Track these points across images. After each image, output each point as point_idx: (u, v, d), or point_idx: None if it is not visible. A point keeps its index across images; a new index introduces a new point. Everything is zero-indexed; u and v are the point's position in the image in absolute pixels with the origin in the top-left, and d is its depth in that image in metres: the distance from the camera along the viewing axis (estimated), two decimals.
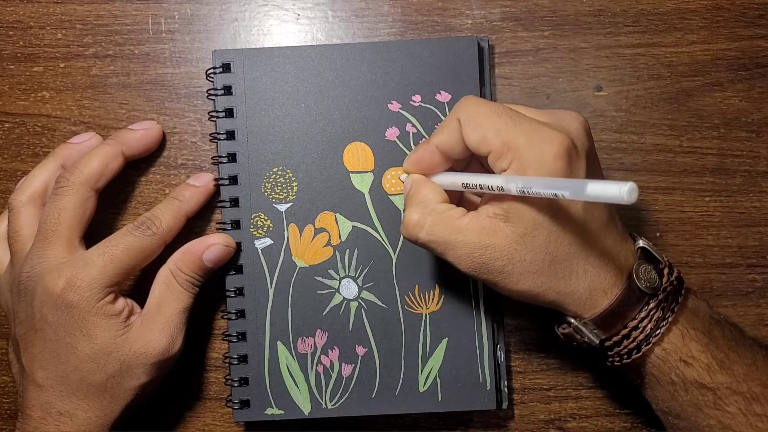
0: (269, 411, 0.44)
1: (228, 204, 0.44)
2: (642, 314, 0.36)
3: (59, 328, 0.40)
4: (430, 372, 0.44)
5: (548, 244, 0.35)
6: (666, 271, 0.37)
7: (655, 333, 0.36)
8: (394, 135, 0.44)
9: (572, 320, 0.37)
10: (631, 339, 0.37)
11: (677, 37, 0.47)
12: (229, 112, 0.44)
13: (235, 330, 0.44)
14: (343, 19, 0.47)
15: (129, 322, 0.41)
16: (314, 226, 0.44)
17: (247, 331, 0.44)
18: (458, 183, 0.38)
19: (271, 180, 0.44)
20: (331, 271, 0.44)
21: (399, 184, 0.44)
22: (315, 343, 0.44)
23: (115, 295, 0.41)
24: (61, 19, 0.47)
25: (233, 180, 0.44)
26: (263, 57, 0.44)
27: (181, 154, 0.47)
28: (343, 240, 0.44)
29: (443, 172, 0.39)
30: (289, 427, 0.45)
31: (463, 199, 0.41)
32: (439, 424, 0.46)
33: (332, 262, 0.44)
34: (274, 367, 0.44)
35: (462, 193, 0.41)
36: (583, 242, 0.36)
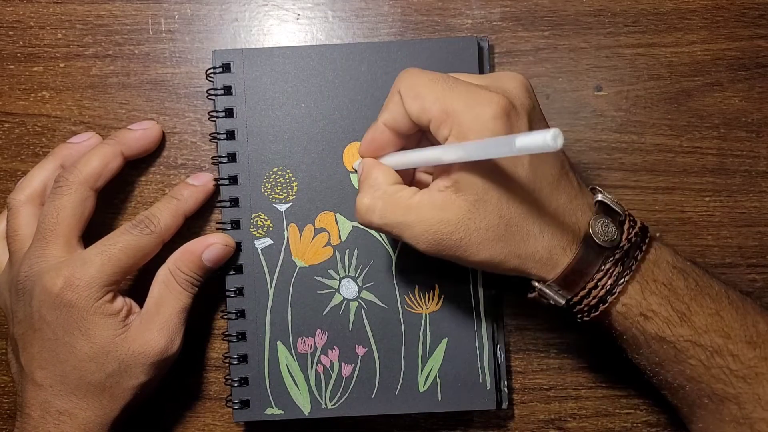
0: (269, 411, 0.44)
1: (228, 204, 0.44)
2: (600, 274, 0.36)
3: (58, 328, 0.40)
4: (430, 372, 0.44)
5: (500, 207, 0.35)
6: (627, 225, 0.37)
7: (614, 290, 0.36)
8: None
9: (536, 284, 0.37)
10: (590, 297, 0.36)
11: (677, 37, 0.47)
12: (229, 112, 0.44)
13: (235, 330, 0.44)
14: (343, 19, 0.47)
15: (127, 321, 0.41)
16: (314, 226, 0.44)
17: (247, 331, 0.44)
18: (404, 161, 0.37)
19: (271, 180, 0.44)
20: (331, 271, 0.44)
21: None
22: (315, 343, 0.44)
23: (114, 294, 0.41)
24: (61, 19, 0.47)
25: (233, 180, 0.44)
26: (263, 57, 0.45)
27: (181, 154, 0.47)
28: (343, 240, 0.44)
29: (392, 153, 0.38)
30: (289, 427, 0.45)
31: (416, 179, 0.41)
32: (439, 424, 0.46)
33: (332, 262, 0.44)
34: (274, 367, 0.44)
35: (414, 173, 0.40)
36: (535, 201, 0.35)
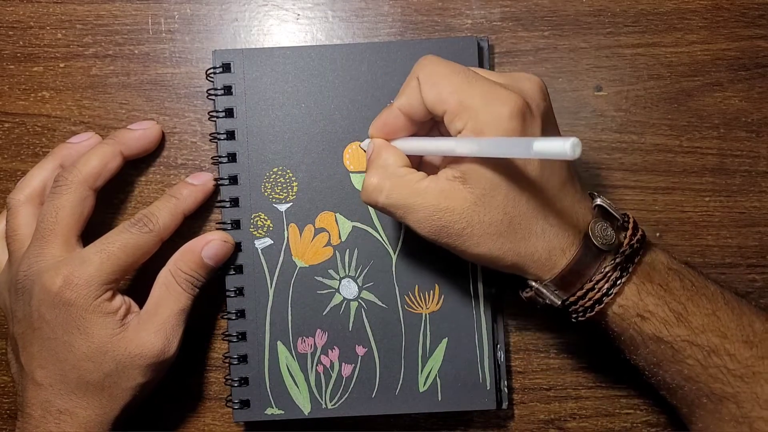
0: (269, 411, 0.44)
1: (228, 204, 0.44)
2: (598, 276, 0.36)
3: (57, 327, 0.40)
4: (430, 372, 0.44)
5: (506, 204, 0.35)
6: (629, 232, 0.37)
7: (610, 291, 0.36)
8: None
9: (533, 283, 0.37)
10: (587, 298, 0.37)
11: (677, 37, 0.47)
12: (229, 112, 0.44)
13: (235, 330, 0.44)
14: (343, 19, 0.47)
15: (126, 321, 0.41)
16: (314, 226, 0.44)
17: (247, 331, 0.44)
18: (417, 147, 0.38)
19: (271, 180, 0.44)
20: (331, 271, 0.44)
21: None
22: (315, 343, 0.44)
23: (113, 293, 0.41)
24: (61, 19, 0.47)
25: (233, 180, 0.44)
26: (263, 57, 0.45)
27: (181, 154, 0.47)
28: (343, 240, 0.44)
29: (404, 138, 0.38)
30: (289, 427, 0.45)
31: (423, 163, 0.41)
32: (439, 424, 0.46)
33: (332, 262, 0.44)
34: (274, 367, 0.44)
35: (422, 158, 0.41)
36: (540, 202, 0.36)
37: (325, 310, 0.44)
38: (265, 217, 0.44)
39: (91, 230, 0.43)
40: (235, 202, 0.44)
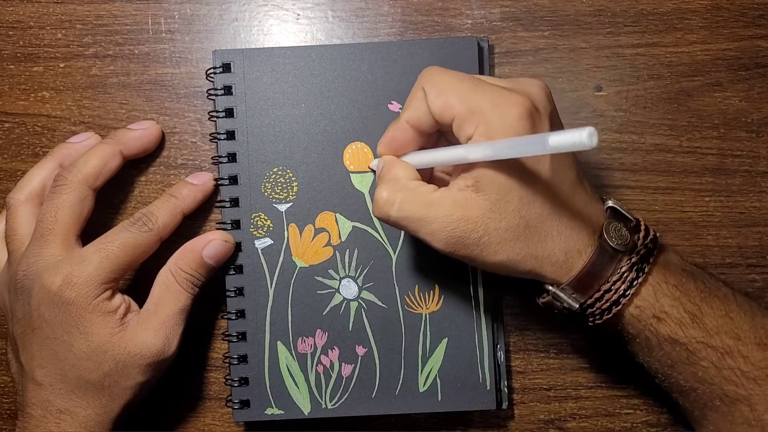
0: (269, 411, 0.44)
1: (228, 204, 0.44)
2: (615, 277, 0.36)
3: (57, 326, 0.40)
4: (430, 372, 0.44)
5: (521, 208, 0.35)
6: (642, 233, 0.37)
7: (627, 292, 0.36)
8: None
9: (550, 287, 0.37)
10: (604, 300, 0.36)
11: (677, 37, 0.47)
12: (229, 112, 0.44)
13: (235, 330, 0.44)
14: (343, 19, 0.47)
15: (125, 320, 0.41)
16: (314, 226, 0.44)
17: (247, 331, 0.44)
18: (427, 160, 0.37)
19: (271, 180, 0.44)
20: (331, 271, 0.44)
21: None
22: (315, 343, 0.44)
23: (113, 292, 0.41)
24: (61, 19, 0.47)
25: (233, 180, 0.44)
26: (263, 57, 0.45)
27: (181, 154, 0.47)
28: (343, 240, 0.44)
29: (413, 152, 0.38)
30: (289, 427, 0.45)
31: (434, 178, 0.41)
32: (439, 424, 0.46)
33: (332, 262, 0.44)
34: (274, 367, 0.44)
35: (432, 172, 0.41)
36: (554, 203, 0.35)
37: (325, 310, 0.44)
38: (265, 217, 0.44)
39: (91, 230, 0.43)
40: (235, 202, 0.44)
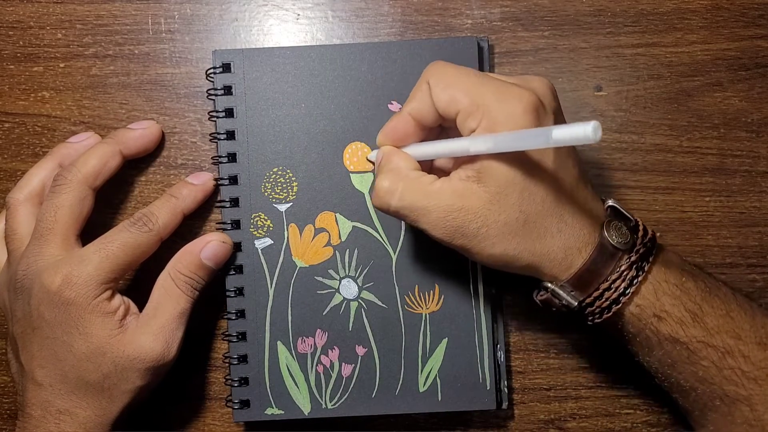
0: (269, 411, 0.44)
1: (228, 204, 0.44)
2: (614, 275, 0.36)
3: (56, 326, 0.40)
4: (430, 372, 0.44)
5: (521, 202, 0.35)
6: (641, 232, 0.37)
7: (627, 291, 0.36)
8: None
9: (549, 284, 0.37)
10: (603, 298, 0.36)
11: (677, 37, 0.47)
12: (229, 112, 0.44)
13: (235, 330, 0.44)
14: (343, 19, 0.47)
15: (124, 322, 0.41)
16: (314, 226, 0.44)
17: (247, 331, 0.44)
18: (429, 151, 0.37)
19: (271, 180, 0.44)
20: (331, 271, 0.44)
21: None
22: (315, 343, 0.44)
23: (112, 292, 0.41)
24: (61, 19, 0.47)
25: (233, 180, 0.44)
26: (263, 57, 0.45)
27: (181, 154, 0.47)
28: (343, 240, 0.44)
29: (413, 144, 0.38)
30: (289, 427, 0.45)
31: (434, 169, 0.41)
32: (439, 424, 0.46)
33: (332, 262, 0.44)
34: (274, 367, 0.44)
35: (432, 163, 0.40)
36: (555, 199, 0.35)
37: (325, 310, 0.44)
38: (265, 217, 0.44)
39: (91, 230, 0.43)
40: (235, 202, 0.44)
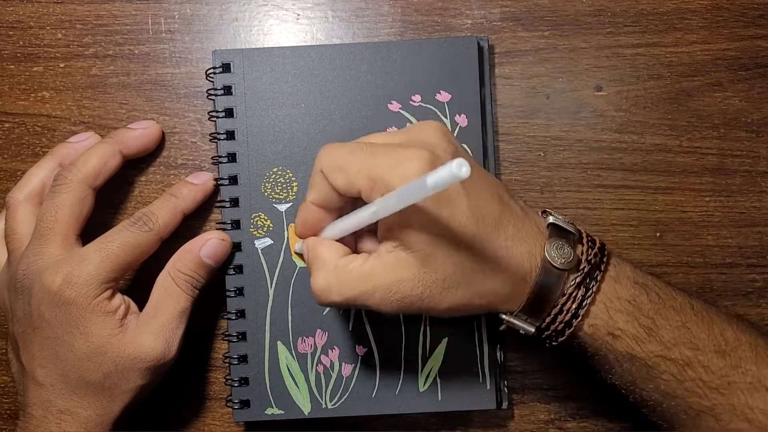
0: (269, 411, 0.44)
1: (228, 204, 0.44)
2: (563, 298, 0.36)
3: (57, 326, 0.40)
4: (430, 372, 0.44)
5: (451, 255, 0.34)
6: (585, 246, 0.37)
7: (578, 313, 0.36)
8: None
9: (503, 316, 0.37)
10: (557, 322, 0.36)
11: (677, 37, 0.47)
12: (229, 112, 0.44)
13: (235, 330, 0.44)
14: (343, 19, 0.47)
15: (125, 321, 0.41)
16: None
17: (247, 331, 0.44)
18: (341, 229, 0.37)
19: (271, 180, 0.44)
20: None
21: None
22: (315, 343, 0.44)
23: (113, 292, 0.41)
24: (61, 19, 0.47)
25: (233, 180, 0.44)
26: (263, 57, 0.45)
27: (181, 154, 0.47)
28: None
29: (328, 226, 0.38)
30: (289, 427, 0.45)
31: (362, 235, 0.39)
32: (439, 424, 0.46)
33: None
34: (274, 367, 0.44)
35: (356, 240, 0.39)
36: (482, 242, 0.35)
37: (325, 309, 0.44)
38: (265, 217, 0.44)
39: (91, 230, 0.43)
40: (235, 202, 0.44)
